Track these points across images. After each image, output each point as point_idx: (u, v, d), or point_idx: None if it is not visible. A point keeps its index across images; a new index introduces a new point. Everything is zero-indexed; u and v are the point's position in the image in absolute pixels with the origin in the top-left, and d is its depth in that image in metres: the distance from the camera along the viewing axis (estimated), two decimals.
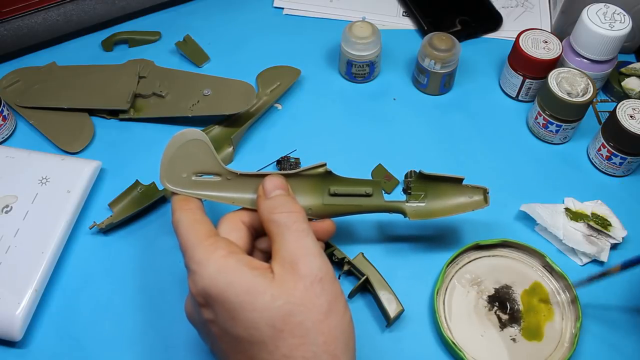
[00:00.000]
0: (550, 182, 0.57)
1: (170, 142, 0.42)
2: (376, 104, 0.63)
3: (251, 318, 0.34)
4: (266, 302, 0.34)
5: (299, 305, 0.35)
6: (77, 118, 0.59)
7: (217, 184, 0.44)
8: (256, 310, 0.34)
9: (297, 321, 0.34)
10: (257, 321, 0.34)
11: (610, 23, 0.56)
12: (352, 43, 0.60)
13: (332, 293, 0.36)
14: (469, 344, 0.46)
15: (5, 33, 0.61)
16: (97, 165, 0.54)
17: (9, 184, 0.52)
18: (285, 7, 0.71)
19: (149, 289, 0.49)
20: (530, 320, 0.48)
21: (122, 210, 0.52)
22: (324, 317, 0.35)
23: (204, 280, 0.36)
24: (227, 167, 0.43)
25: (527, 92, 0.62)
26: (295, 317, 0.34)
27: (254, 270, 0.36)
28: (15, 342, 0.46)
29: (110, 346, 0.46)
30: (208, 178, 0.44)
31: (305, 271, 0.36)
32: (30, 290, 0.46)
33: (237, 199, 0.44)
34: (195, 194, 0.43)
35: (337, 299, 0.36)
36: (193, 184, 0.43)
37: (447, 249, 0.51)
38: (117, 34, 0.66)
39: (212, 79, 0.60)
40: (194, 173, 0.43)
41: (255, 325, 0.34)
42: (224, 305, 0.35)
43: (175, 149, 0.42)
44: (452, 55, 0.59)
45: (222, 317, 0.35)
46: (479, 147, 0.59)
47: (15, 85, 0.61)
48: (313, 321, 0.35)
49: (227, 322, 0.35)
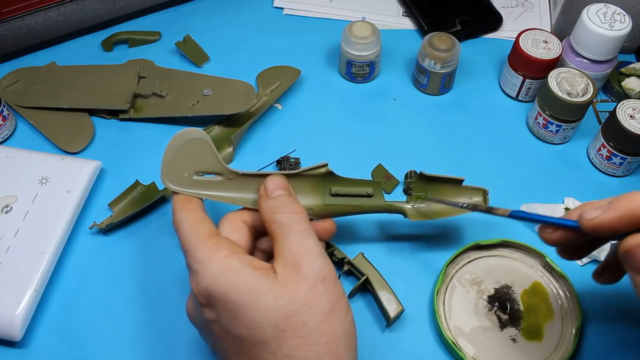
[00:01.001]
0: (550, 182, 0.57)
1: (171, 141, 0.42)
2: (376, 104, 0.63)
3: (254, 318, 0.34)
4: (269, 302, 0.34)
5: (302, 306, 0.35)
6: (77, 118, 0.59)
7: (219, 184, 0.44)
8: (259, 310, 0.34)
9: (300, 321, 0.34)
10: (259, 321, 0.34)
11: (610, 23, 0.56)
12: (352, 43, 0.60)
13: (334, 293, 0.36)
14: (469, 344, 0.46)
15: (5, 33, 0.61)
16: (97, 165, 0.54)
17: (9, 184, 0.52)
18: (285, 7, 0.71)
19: (149, 289, 0.49)
20: (530, 320, 0.48)
21: (122, 210, 0.52)
22: (327, 317, 0.35)
23: (207, 280, 0.36)
24: (229, 167, 0.43)
25: (527, 92, 0.62)
26: (298, 317, 0.34)
27: (256, 271, 0.36)
28: (15, 342, 0.46)
29: (110, 346, 0.46)
30: (209, 177, 0.43)
31: (308, 271, 0.36)
32: (30, 290, 0.46)
33: (238, 198, 0.44)
34: (197, 194, 0.43)
35: (339, 299, 0.36)
36: (194, 184, 0.43)
37: (447, 249, 0.51)
38: (117, 34, 0.66)
39: (212, 79, 0.60)
40: (195, 172, 0.43)
41: (257, 325, 0.34)
42: (227, 305, 0.35)
43: (176, 148, 0.42)
44: (452, 55, 0.59)
45: (225, 317, 0.35)
46: (479, 147, 0.59)
47: (15, 85, 0.61)
48: (315, 321, 0.35)
49: (229, 322, 0.35)
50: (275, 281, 0.35)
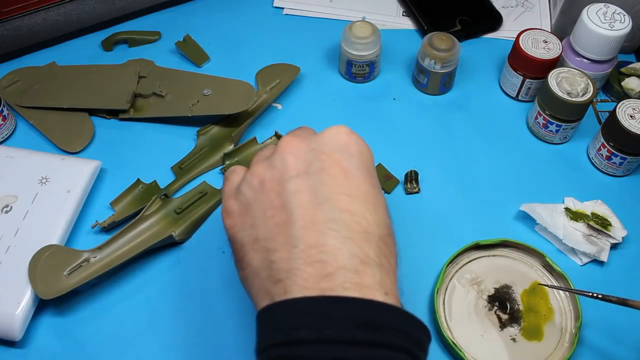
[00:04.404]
0: (550, 182, 0.57)
1: (29, 267, 0.46)
2: (376, 103, 0.63)
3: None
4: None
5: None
6: (77, 118, 0.59)
7: (93, 264, 0.48)
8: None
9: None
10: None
11: (610, 23, 0.56)
12: (352, 43, 0.60)
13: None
14: (469, 344, 0.46)
15: (5, 33, 0.61)
16: (97, 165, 0.54)
17: (9, 184, 0.52)
18: (285, 7, 0.71)
19: (149, 288, 0.49)
20: (530, 320, 0.48)
21: (124, 209, 0.52)
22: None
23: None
24: (85, 250, 0.48)
25: (527, 92, 0.62)
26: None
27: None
28: (15, 342, 0.46)
29: (110, 346, 0.46)
30: (80, 268, 0.47)
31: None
32: (30, 290, 0.46)
33: (123, 254, 0.48)
34: (82, 283, 0.46)
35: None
36: (73, 279, 0.47)
37: (447, 249, 0.51)
38: (117, 34, 0.66)
39: (212, 79, 0.60)
40: (65, 274, 0.47)
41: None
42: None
43: (36, 269, 0.46)
44: (452, 55, 0.59)
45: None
46: (479, 147, 0.59)
47: (15, 85, 0.61)
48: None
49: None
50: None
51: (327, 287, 0.32)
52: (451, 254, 0.50)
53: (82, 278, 0.47)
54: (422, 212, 0.54)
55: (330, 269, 0.32)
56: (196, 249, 0.52)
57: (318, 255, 0.32)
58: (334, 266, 0.32)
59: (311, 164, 0.36)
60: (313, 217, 0.34)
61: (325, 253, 0.32)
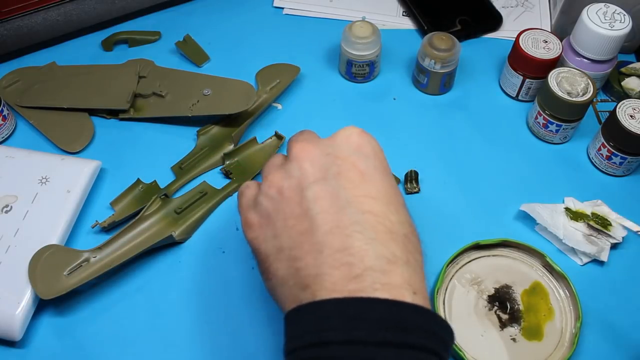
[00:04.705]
0: (550, 181, 0.57)
1: (29, 267, 0.46)
2: (376, 103, 0.63)
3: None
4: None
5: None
6: (77, 118, 0.59)
7: (93, 264, 0.48)
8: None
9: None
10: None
11: (610, 23, 0.56)
12: (352, 43, 0.60)
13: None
14: (469, 344, 0.46)
15: (5, 33, 0.61)
16: (97, 165, 0.54)
17: (9, 184, 0.52)
18: (285, 7, 0.71)
19: (149, 288, 0.49)
20: (530, 320, 0.48)
21: (123, 209, 0.52)
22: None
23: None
24: (85, 249, 0.48)
25: (527, 92, 0.62)
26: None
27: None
28: (15, 342, 0.46)
29: (110, 346, 0.46)
30: (80, 268, 0.47)
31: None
32: (30, 290, 0.46)
33: (126, 252, 0.48)
34: (82, 283, 0.46)
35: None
36: (73, 279, 0.46)
37: (447, 249, 0.51)
38: (117, 34, 0.66)
39: (212, 79, 0.60)
40: (65, 274, 0.47)
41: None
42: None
43: (36, 268, 0.46)
44: (452, 55, 0.59)
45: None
46: (479, 147, 0.59)
47: (15, 85, 0.61)
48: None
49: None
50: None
51: (355, 289, 0.32)
52: (451, 254, 0.50)
53: (82, 278, 0.47)
54: (422, 212, 0.54)
55: (357, 271, 0.32)
56: (196, 249, 0.52)
57: (345, 259, 0.32)
58: (362, 267, 0.32)
59: (328, 169, 0.36)
60: (337, 222, 0.34)
61: (352, 255, 0.32)
